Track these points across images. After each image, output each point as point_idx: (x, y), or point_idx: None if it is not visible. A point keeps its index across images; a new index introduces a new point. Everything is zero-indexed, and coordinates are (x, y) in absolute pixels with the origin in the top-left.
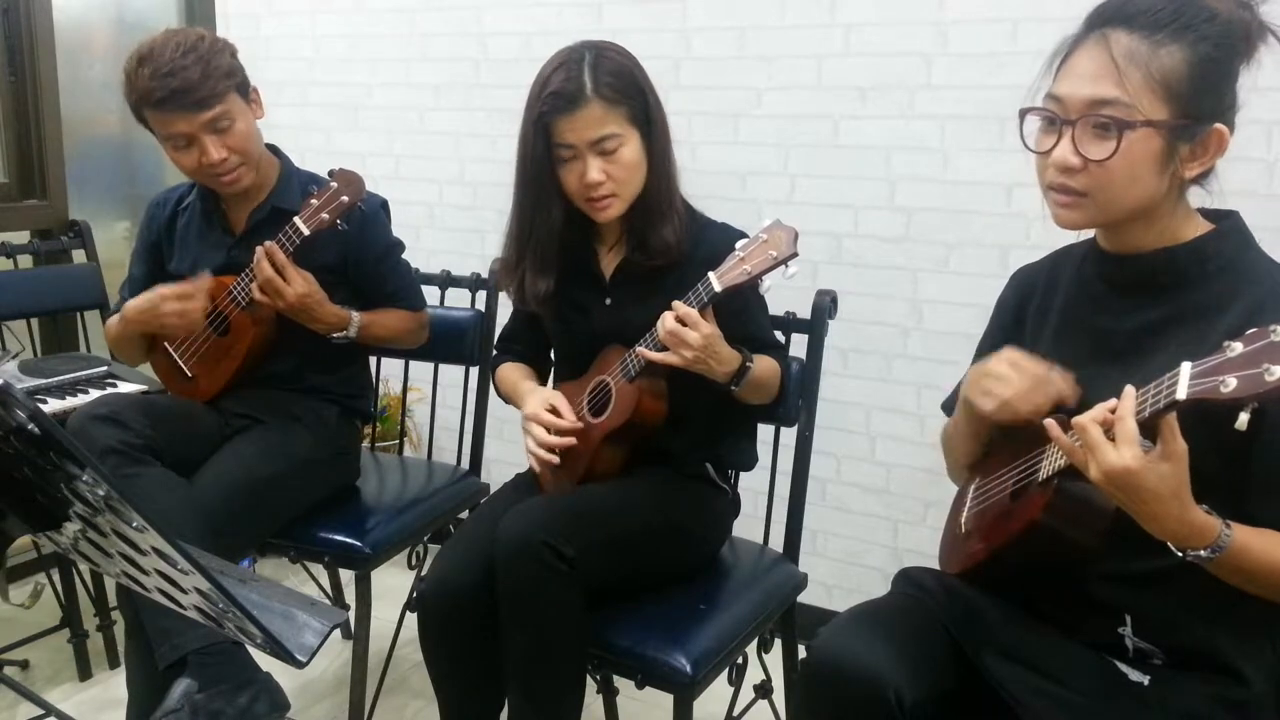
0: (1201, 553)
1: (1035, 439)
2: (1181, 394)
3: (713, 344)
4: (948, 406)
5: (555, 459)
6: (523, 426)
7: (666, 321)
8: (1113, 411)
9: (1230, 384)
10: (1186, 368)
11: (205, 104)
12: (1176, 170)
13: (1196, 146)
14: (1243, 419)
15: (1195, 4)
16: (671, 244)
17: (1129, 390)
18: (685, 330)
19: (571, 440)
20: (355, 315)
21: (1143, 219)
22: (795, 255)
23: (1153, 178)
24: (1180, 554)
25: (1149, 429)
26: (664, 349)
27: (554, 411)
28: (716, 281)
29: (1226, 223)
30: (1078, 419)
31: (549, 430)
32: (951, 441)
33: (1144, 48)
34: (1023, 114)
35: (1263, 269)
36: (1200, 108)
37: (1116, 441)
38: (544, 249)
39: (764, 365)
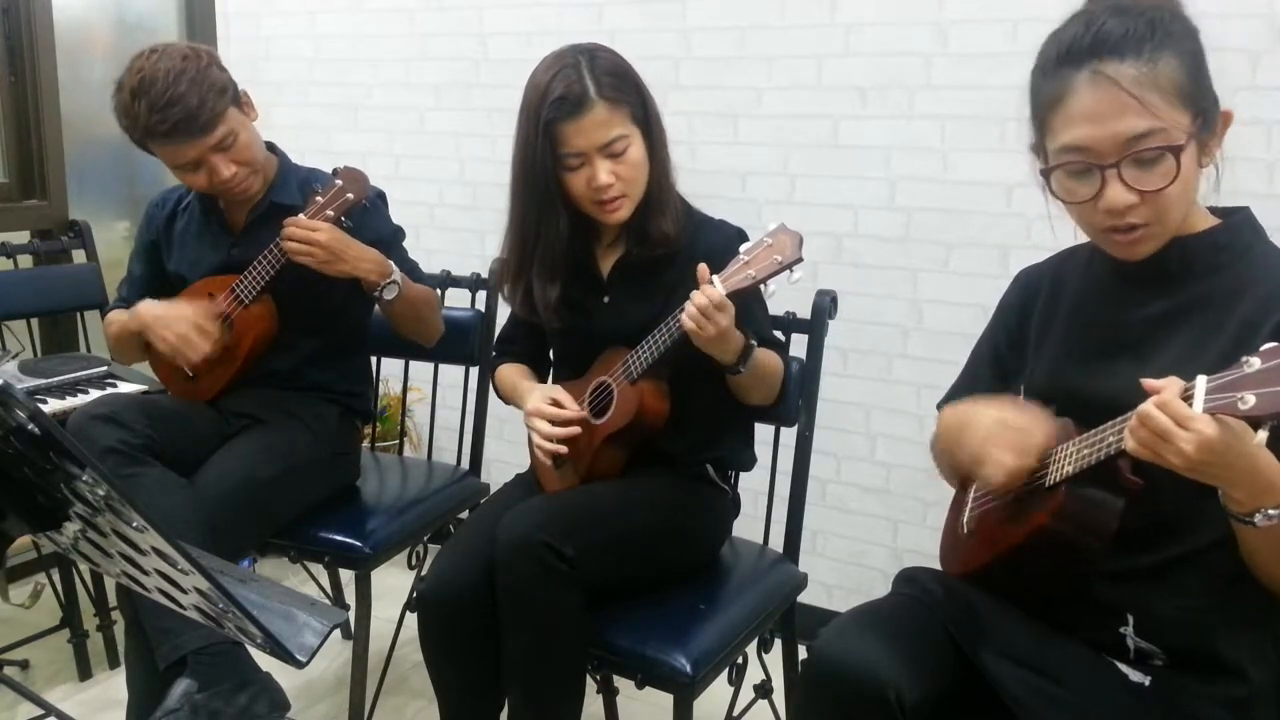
0: (1272, 511)
1: None
2: (1198, 408)
3: (730, 325)
4: (944, 407)
5: (563, 449)
6: (526, 424)
7: (697, 300)
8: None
9: (1249, 401)
10: (1202, 382)
11: (209, 127)
12: (1204, 160)
13: (1213, 130)
14: (1261, 436)
15: (1158, 10)
16: (670, 235)
17: (1173, 379)
18: (712, 312)
19: (576, 430)
20: (390, 261)
21: None
22: (800, 260)
23: (1196, 182)
24: (1249, 520)
25: None
26: (679, 338)
27: (556, 404)
28: (721, 286)
29: (1237, 216)
30: (1143, 410)
31: (553, 423)
32: (948, 457)
33: (1145, 69)
34: (1046, 174)
35: (1274, 261)
36: (1206, 99)
37: (1180, 421)
38: (551, 257)
39: (767, 354)
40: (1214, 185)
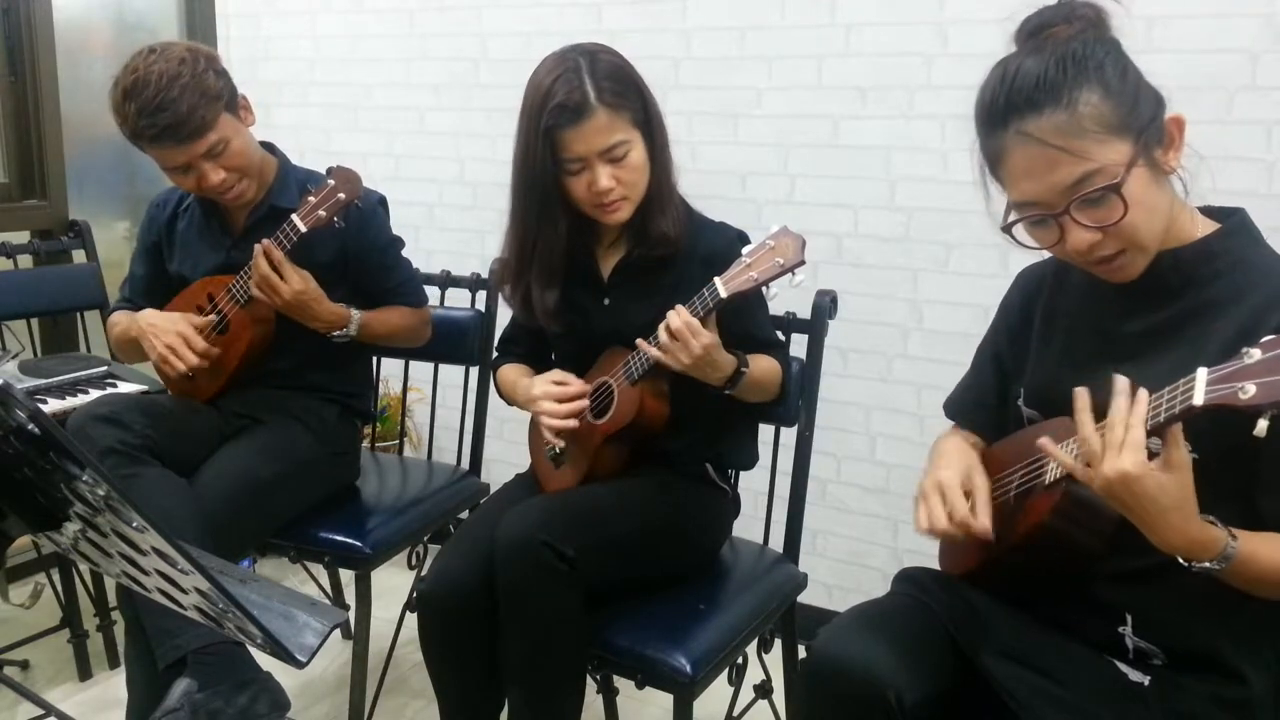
0: (1208, 565)
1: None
2: (1198, 400)
3: (711, 353)
4: (949, 408)
5: (573, 424)
6: (532, 408)
7: (671, 323)
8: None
9: (1249, 390)
10: (1203, 373)
11: (197, 134)
12: (1165, 170)
13: (1164, 141)
14: (1262, 426)
15: (1064, 46)
16: (671, 236)
17: (1142, 395)
18: (686, 335)
19: (584, 404)
20: (355, 313)
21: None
22: (802, 264)
23: (1161, 198)
24: (1187, 565)
25: (1161, 435)
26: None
27: (560, 385)
28: (723, 288)
29: (1232, 220)
30: (1081, 431)
31: (560, 402)
32: None
33: (1063, 117)
34: (1007, 230)
35: (1271, 266)
36: (1143, 116)
37: (1122, 447)
38: (550, 261)
39: (761, 367)
40: (1209, 184)
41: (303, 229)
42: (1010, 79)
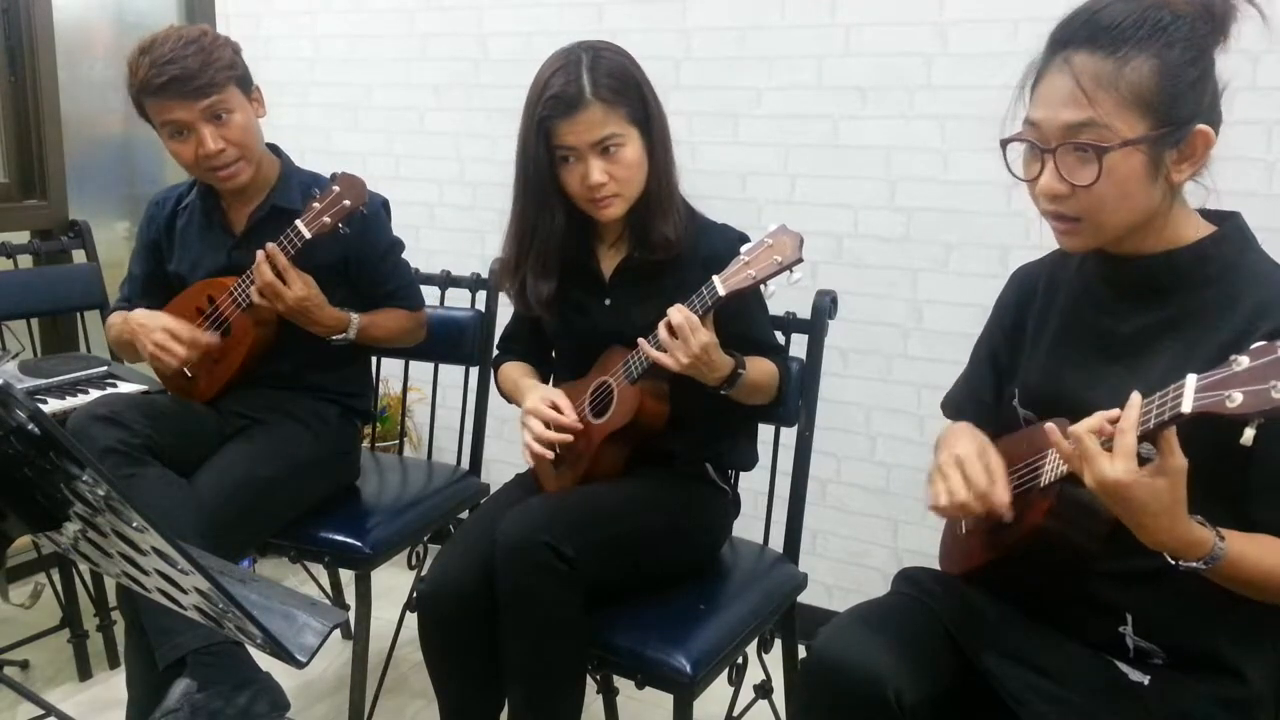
0: (1194, 564)
1: (1036, 444)
2: (1187, 407)
3: (709, 352)
4: (946, 406)
5: (550, 454)
6: (521, 420)
7: (672, 318)
8: (1113, 421)
9: (1236, 399)
10: (1192, 380)
11: (203, 91)
12: (1167, 176)
13: (1183, 149)
14: (1248, 434)
15: (1157, 10)
16: (672, 239)
17: (1135, 400)
18: (686, 332)
19: (568, 437)
20: (354, 317)
21: (1142, 225)
22: (800, 261)
23: (1143, 192)
24: (1174, 563)
25: (1153, 439)
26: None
27: (555, 409)
28: (721, 286)
29: (1228, 225)
30: (1074, 428)
31: (548, 425)
32: None
33: (1108, 67)
34: (1004, 144)
35: (1265, 271)
36: (1179, 113)
37: (1114, 453)
38: (546, 252)
39: (759, 370)
40: (1209, 184)
41: (307, 235)
42: (1090, 11)
